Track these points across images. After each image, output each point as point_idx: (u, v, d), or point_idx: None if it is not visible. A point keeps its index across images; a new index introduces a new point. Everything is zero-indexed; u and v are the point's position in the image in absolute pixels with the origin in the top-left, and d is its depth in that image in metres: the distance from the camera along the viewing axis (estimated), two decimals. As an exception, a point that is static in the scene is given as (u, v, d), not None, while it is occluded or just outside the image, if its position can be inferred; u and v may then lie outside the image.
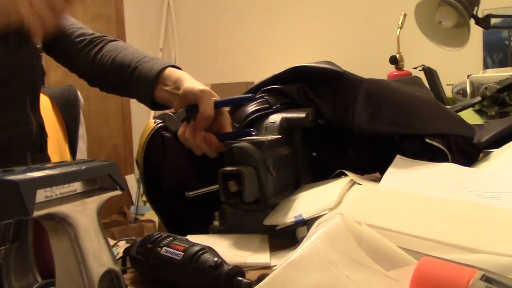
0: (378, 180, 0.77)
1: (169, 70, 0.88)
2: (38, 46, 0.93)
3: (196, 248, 0.54)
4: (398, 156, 0.79)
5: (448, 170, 0.74)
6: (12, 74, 0.90)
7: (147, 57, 0.93)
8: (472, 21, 1.75)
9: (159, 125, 0.85)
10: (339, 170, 0.78)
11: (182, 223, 0.88)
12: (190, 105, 0.81)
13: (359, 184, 0.71)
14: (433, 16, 1.80)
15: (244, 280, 0.50)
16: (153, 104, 0.91)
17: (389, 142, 0.86)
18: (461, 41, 1.75)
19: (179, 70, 0.89)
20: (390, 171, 0.77)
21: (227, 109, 0.85)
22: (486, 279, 0.40)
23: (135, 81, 0.91)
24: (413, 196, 0.65)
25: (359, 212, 0.60)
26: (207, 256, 0.53)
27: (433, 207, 0.60)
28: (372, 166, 0.87)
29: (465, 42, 1.73)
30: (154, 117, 0.88)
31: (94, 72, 0.98)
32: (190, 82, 0.84)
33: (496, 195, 0.65)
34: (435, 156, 0.80)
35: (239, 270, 0.52)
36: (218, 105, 0.80)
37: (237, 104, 0.87)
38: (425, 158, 0.79)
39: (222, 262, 0.52)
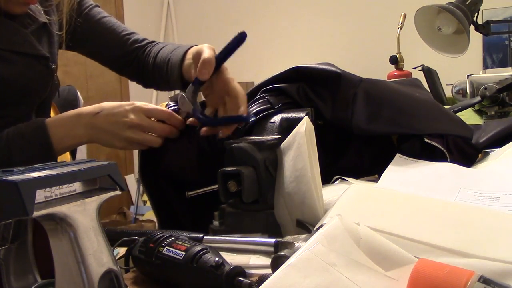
0: (377, 180, 0.77)
1: (194, 47, 0.90)
2: (53, 66, 0.97)
3: (198, 248, 0.54)
4: (398, 155, 0.80)
5: (448, 170, 0.74)
6: (21, 95, 0.92)
7: (180, 46, 0.98)
8: (472, 27, 1.76)
9: (171, 108, 0.85)
10: (337, 176, 0.78)
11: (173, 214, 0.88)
12: (195, 77, 0.81)
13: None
14: (433, 23, 1.81)
15: (245, 280, 0.50)
16: (184, 86, 0.93)
17: (388, 144, 0.86)
18: (461, 48, 1.76)
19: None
20: (390, 169, 0.77)
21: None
22: (484, 280, 0.40)
23: (169, 70, 0.96)
24: (407, 197, 0.65)
25: (353, 213, 0.59)
26: (208, 256, 0.53)
27: (426, 209, 0.59)
28: (371, 168, 0.87)
29: (465, 49, 1.74)
30: (170, 97, 0.90)
31: (145, 75, 1.07)
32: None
33: (494, 196, 0.64)
34: (434, 156, 0.80)
35: (240, 270, 0.52)
36: (219, 60, 0.80)
37: (232, 51, 0.83)
38: (424, 158, 0.79)
39: (223, 262, 0.52)
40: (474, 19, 1.82)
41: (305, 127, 0.69)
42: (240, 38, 0.80)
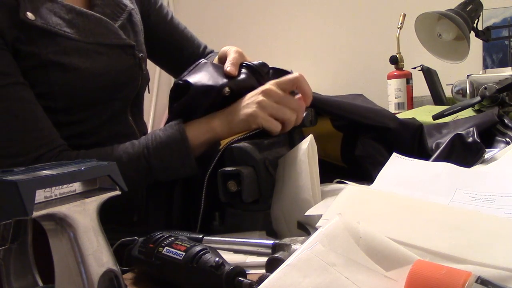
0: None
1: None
2: (141, 55, 0.95)
3: (198, 248, 0.54)
4: (394, 154, 0.79)
5: (444, 170, 0.74)
6: (112, 90, 0.89)
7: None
8: (472, 34, 1.76)
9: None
10: (338, 180, 0.78)
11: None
12: None
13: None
14: (433, 29, 1.81)
15: (245, 280, 0.50)
16: None
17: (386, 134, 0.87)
18: (461, 54, 1.76)
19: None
20: (385, 170, 0.76)
21: None
22: (482, 281, 0.40)
23: None
24: (403, 199, 0.64)
25: (348, 215, 0.59)
26: (208, 256, 0.53)
27: (422, 212, 0.59)
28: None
29: (465, 55, 1.74)
30: None
31: None
32: None
33: (490, 198, 0.64)
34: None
35: (240, 271, 0.52)
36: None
37: None
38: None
39: (224, 262, 0.52)
40: (475, 24, 1.82)
41: (308, 145, 0.69)
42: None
